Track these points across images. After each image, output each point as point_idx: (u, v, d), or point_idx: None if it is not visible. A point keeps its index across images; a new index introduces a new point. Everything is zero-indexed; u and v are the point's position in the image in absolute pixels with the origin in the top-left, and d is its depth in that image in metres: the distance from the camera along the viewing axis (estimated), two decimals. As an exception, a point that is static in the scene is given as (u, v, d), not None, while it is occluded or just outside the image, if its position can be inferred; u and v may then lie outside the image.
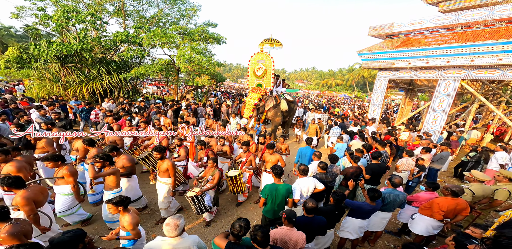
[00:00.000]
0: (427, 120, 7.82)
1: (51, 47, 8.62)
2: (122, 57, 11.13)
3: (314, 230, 2.46)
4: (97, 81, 9.62)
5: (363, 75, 40.70)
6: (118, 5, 12.54)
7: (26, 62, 9.83)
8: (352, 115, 11.60)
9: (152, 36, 9.76)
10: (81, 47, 9.02)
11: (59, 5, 10.39)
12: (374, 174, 3.80)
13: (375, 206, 2.80)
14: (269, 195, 2.88)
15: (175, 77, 11.46)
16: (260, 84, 7.44)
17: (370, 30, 9.52)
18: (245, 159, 4.19)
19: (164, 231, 1.91)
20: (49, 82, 9.41)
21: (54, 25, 9.38)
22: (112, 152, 3.37)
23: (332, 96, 37.45)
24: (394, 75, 8.99)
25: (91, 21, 9.74)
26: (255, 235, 1.80)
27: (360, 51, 9.41)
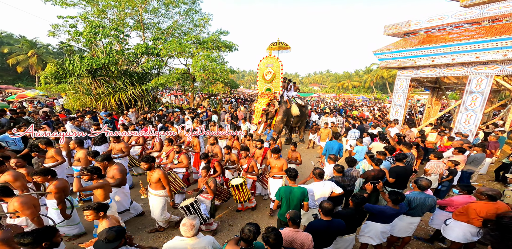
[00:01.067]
0: (459, 120, 7.14)
1: (83, 62, 9.58)
2: (143, 69, 11.98)
3: (333, 235, 2.36)
4: (122, 92, 10.43)
5: (382, 76, 38.83)
6: (138, 18, 13.63)
7: (63, 77, 10.98)
8: (372, 117, 10.99)
9: (169, 46, 10.38)
10: (108, 60, 9.90)
11: (87, 22, 11.54)
12: (399, 177, 3.54)
13: (398, 209, 2.62)
14: (284, 197, 2.82)
15: (191, 85, 11.98)
16: (269, 89, 7.31)
17: (386, 29, 9.21)
18: (246, 165, 4.05)
19: (181, 231, 1.99)
20: (82, 95, 10.40)
21: (84, 40, 10.46)
22: (104, 162, 3.25)
23: (349, 98, 36.13)
24: (416, 74, 8.49)
25: (115, 35, 10.65)
26: (268, 237, 1.78)
27: (376, 51, 9.08)
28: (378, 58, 9.37)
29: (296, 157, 4.64)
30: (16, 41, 29.16)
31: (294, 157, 4.65)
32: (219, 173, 4.03)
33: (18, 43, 28.29)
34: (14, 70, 27.42)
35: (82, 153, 3.97)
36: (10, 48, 26.67)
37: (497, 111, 11.91)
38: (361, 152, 5.08)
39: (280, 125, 7.39)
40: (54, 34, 12.15)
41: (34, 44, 27.85)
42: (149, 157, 3.09)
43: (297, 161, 4.67)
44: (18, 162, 3.26)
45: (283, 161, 3.82)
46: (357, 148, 5.16)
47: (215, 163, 4.06)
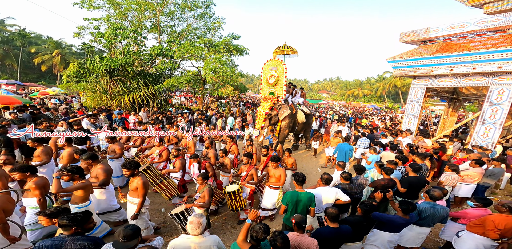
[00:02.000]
0: (476, 133, 6.76)
1: (102, 62, 10.08)
2: (157, 70, 12.39)
3: (341, 242, 2.31)
4: (136, 92, 10.81)
5: (395, 85, 37.95)
6: (155, 21, 14.26)
7: (83, 76, 11.59)
8: (384, 127, 10.65)
9: (182, 49, 10.75)
10: (125, 61, 10.37)
11: (109, 24, 12.20)
12: (411, 187, 3.41)
13: (408, 219, 2.53)
14: (290, 202, 2.77)
15: (201, 88, 12.21)
16: (272, 93, 7.03)
17: (402, 37, 9.05)
18: (245, 172, 3.83)
19: (188, 230, 2.00)
20: (99, 94, 10.87)
21: (105, 41, 11.00)
22: (88, 160, 3.14)
23: (359, 107, 35.42)
24: (432, 83, 8.20)
25: (133, 37, 11.18)
26: (275, 240, 1.76)
27: (390, 59, 8.91)
28: (392, 66, 9.17)
29: (291, 163, 4.43)
30: (44, 41, 31.20)
31: (288, 163, 4.45)
32: (211, 175, 3.88)
33: (45, 43, 30.28)
34: (38, 68, 29.35)
35: (67, 152, 3.74)
36: (37, 48, 28.58)
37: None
38: (374, 162, 4.90)
39: (286, 131, 7.12)
40: (79, 35, 12.89)
41: (59, 45, 29.75)
42: (132, 163, 2.89)
43: (292, 167, 4.43)
44: (6, 159, 3.13)
45: (281, 171, 3.58)
46: (371, 157, 4.98)
47: (206, 164, 3.91)
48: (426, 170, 4.21)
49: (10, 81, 19.66)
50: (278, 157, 3.66)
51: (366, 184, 3.51)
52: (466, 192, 4.30)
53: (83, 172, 2.84)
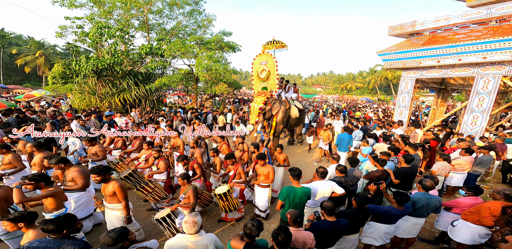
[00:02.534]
0: (465, 122, 7.02)
1: (89, 62, 9.72)
2: (147, 69, 12.10)
3: (338, 235, 2.36)
4: (127, 92, 10.53)
5: (386, 77, 38.59)
6: (143, 19, 13.81)
7: (69, 77, 11.18)
8: (376, 119, 10.89)
9: (173, 47, 10.49)
10: (113, 61, 10.02)
11: (94, 22, 11.72)
12: (405, 178, 3.50)
13: (403, 210, 2.60)
14: (287, 198, 2.81)
15: (194, 86, 12.04)
16: (265, 88, 6.96)
17: (390, 30, 9.17)
18: (233, 171, 3.76)
19: (183, 229, 1.99)
20: (88, 95, 10.53)
21: (90, 41, 10.60)
22: (59, 164, 2.94)
23: (352, 100, 35.88)
24: (421, 74, 8.39)
25: (120, 36, 10.78)
26: (278, 234, 1.78)
27: (380, 52, 9.02)
28: (382, 59, 9.30)
29: (283, 159, 4.32)
30: (25, 42, 29.81)
31: (280, 159, 4.35)
32: (199, 176, 3.74)
33: (26, 44, 28.94)
34: (22, 70, 28.09)
35: (39, 157, 3.51)
36: (18, 49, 27.35)
37: (504, 113, 11.66)
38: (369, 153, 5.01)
39: (280, 126, 7.10)
40: (62, 35, 12.35)
41: (42, 45, 28.47)
42: (101, 167, 2.66)
43: (284, 164, 4.33)
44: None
45: (269, 168, 3.49)
46: (366, 149, 5.08)
47: (194, 165, 3.73)
48: (418, 160, 4.31)
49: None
50: (264, 154, 3.59)
51: (360, 176, 3.58)
52: (458, 181, 4.43)
53: (49, 179, 2.63)
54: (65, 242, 1.76)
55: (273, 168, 3.56)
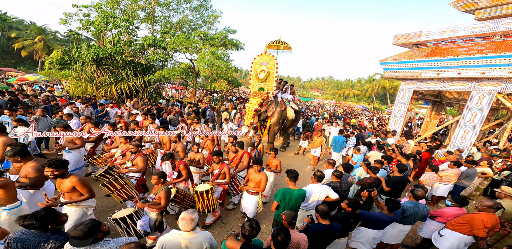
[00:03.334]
0: (455, 136, 7.18)
1: (90, 50, 9.53)
2: (148, 60, 11.94)
3: (331, 238, 2.40)
4: (125, 82, 10.35)
5: (384, 86, 39.18)
6: (149, 11, 13.66)
7: (67, 63, 10.90)
8: (371, 127, 11.05)
9: (176, 40, 10.37)
10: (114, 50, 9.86)
11: (100, 11, 11.52)
12: (396, 186, 3.61)
13: (393, 217, 2.67)
14: (282, 199, 2.82)
15: (194, 81, 11.93)
16: (262, 88, 6.76)
17: (395, 39, 9.27)
18: (218, 171, 3.53)
19: (179, 226, 1.95)
20: (85, 82, 10.31)
21: (95, 30, 10.39)
22: (15, 157, 2.61)
23: (349, 106, 36.31)
24: (420, 86, 8.53)
25: (125, 26, 10.63)
26: (278, 234, 1.77)
27: (382, 60, 9.13)
28: (383, 68, 9.39)
29: (276, 165, 4.10)
30: (26, 27, 29.12)
31: (273, 164, 4.13)
32: (185, 178, 3.47)
33: (27, 29, 28.19)
34: (18, 54, 27.35)
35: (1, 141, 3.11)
36: (18, 33, 26.72)
37: (492, 130, 12.01)
38: (360, 161, 5.08)
39: (275, 128, 6.93)
40: (66, 22, 12.06)
41: (43, 31, 27.79)
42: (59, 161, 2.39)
43: (276, 169, 4.11)
44: None
45: (262, 176, 3.22)
46: (356, 157, 5.14)
47: (181, 165, 3.42)
48: (409, 170, 4.45)
49: (-17, 65, 18.15)
50: (260, 159, 3.34)
51: (353, 182, 3.64)
52: (443, 191, 4.61)
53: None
54: (48, 236, 1.69)
55: (266, 176, 3.28)
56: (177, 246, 1.90)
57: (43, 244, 1.64)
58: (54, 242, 1.66)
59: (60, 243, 1.68)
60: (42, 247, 1.64)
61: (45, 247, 1.64)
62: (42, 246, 1.64)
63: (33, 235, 1.67)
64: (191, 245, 1.91)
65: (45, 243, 1.65)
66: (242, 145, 4.16)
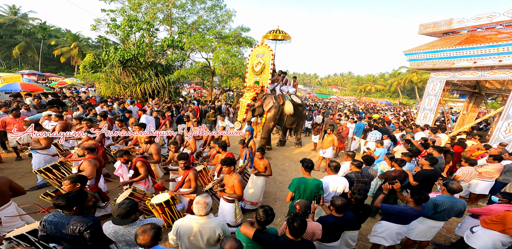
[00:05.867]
0: (498, 129, 6.39)
1: (116, 52, 10.32)
2: (168, 61, 12.54)
3: (344, 229, 2.31)
4: (147, 82, 11.03)
5: (411, 80, 36.25)
6: (167, 13, 14.29)
7: (98, 66, 11.96)
8: (396, 122, 10.31)
9: (192, 40, 10.72)
10: (137, 52, 10.53)
11: (125, 15, 12.35)
12: (425, 181, 3.29)
13: (421, 210, 2.44)
14: (297, 189, 2.74)
15: (210, 79, 12.26)
16: (257, 82, 6.31)
17: (421, 28, 8.60)
18: (181, 177, 2.93)
19: (194, 210, 1.95)
20: (113, 83, 11.19)
21: (121, 33, 11.20)
22: None
23: (371, 102, 34.26)
24: (453, 76, 7.76)
25: (146, 29, 11.29)
26: (294, 220, 1.71)
27: (407, 51, 8.50)
28: (409, 59, 8.79)
29: (264, 167, 3.53)
30: (63, 34, 32.38)
31: (260, 166, 3.55)
32: (142, 176, 3.00)
33: (63, 36, 31.40)
34: (58, 60, 30.62)
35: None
36: (56, 41, 29.73)
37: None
38: (383, 155, 4.79)
39: (270, 123, 6.36)
40: (96, 27, 13.17)
41: (77, 38, 30.78)
42: None
43: (265, 172, 3.57)
44: None
45: (234, 179, 2.71)
46: (379, 151, 4.85)
47: (138, 162, 2.99)
48: (442, 164, 4.06)
49: (31, 71, 20.68)
50: (230, 159, 2.73)
51: (375, 175, 3.41)
52: (483, 189, 4.10)
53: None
54: (76, 219, 1.80)
55: (240, 179, 2.70)
56: (190, 230, 1.90)
57: (72, 227, 1.75)
58: (82, 224, 1.76)
59: (87, 226, 1.78)
60: (71, 229, 1.75)
61: (73, 230, 1.75)
62: (70, 228, 1.75)
63: (62, 218, 1.80)
64: (203, 230, 1.90)
65: (73, 226, 1.76)
66: (224, 145, 3.61)
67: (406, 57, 8.80)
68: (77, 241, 1.83)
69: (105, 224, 1.84)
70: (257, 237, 1.78)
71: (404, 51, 8.68)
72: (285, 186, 4.99)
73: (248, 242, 1.85)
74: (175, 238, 1.95)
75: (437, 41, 8.28)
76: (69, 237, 1.80)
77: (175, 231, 1.93)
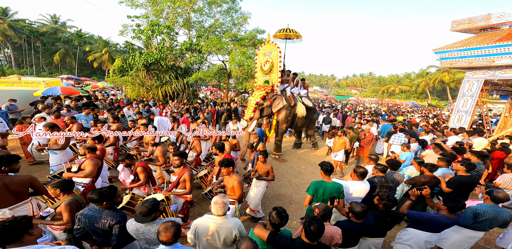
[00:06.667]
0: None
1: (141, 57, 11.03)
2: (186, 64, 13.07)
3: (362, 235, 2.20)
4: (168, 85, 11.59)
5: (442, 80, 33.32)
6: (186, 17, 14.93)
7: (125, 70, 12.87)
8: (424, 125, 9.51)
9: (209, 43, 11.03)
10: (160, 56, 11.14)
11: (148, 21, 13.15)
12: (461, 188, 2.97)
13: (455, 219, 2.21)
14: (315, 193, 2.64)
15: (226, 81, 12.51)
16: (267, 81, 6.13)
17: (454, 25, 7.96)
18: (176, 177, 2.84)
19: (212, 210, 1.96)
20: (138, 86, 11.96)
21: (144, 38, 11.94)
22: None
23: (394, 104, 32.18)
24: (493, 75, 7.03)
25: (167, 33, 11.89)
26: (310, 224, 1.64)
27: (438, 49, 7.90)
28: (440, 58, 8.17)
29: (266, 171, 3.34)
30: (95, 41, 35.45)
31: (264, 170, 3.36)
32: (142, 183, 2.92)
33: (96, 42, 34.40)
34: (91, 65, 33.67)
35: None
36: (90, 47, 32.74)
37: None
38: (409, 159, 4.44)
39: (283, 126, 6.18)
40: (123, 33, 14.24)
41: (107, 44, 33.53)
42: None
43: (268, 177, 3.38)
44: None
45: (234, 180, 2.64)
46: (405, 155, 4.48)
47: (138, 168, 2.94)
48: (482, 170, 3.66)
49: (69, 76, 23.06)
50: (228, 160, 2.68)
51: (401, 180, 3.15)
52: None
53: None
54: (107, 213, 1.92)
55: (239, 180, 2.65)
56: (207, 230, 1.91)
57: (103, 221, 1.87)
58: (112, 219, 1.88)
59: (116, 220, 1.88)
60: (102, 223, 1.87)
61: (104, 223, 1.86)
62: (102, 222, 1.87)
63: (96, 212, 1.93)
64: (221, 230, 1.89)
65: (104, 219, 1.87)
66: (221, 147, 3.44)
67: (436, 55, 8.20)
68: (106, 235, 1.94)
69: (129, 221, 1.92)
70: (271, 240, 1.75)
71: (434, 50, 8.08)
72: (300, 188, 4.85)
73: (262, 245, 1.81)
74: (193, 237, 1.97)
75: (473, 38, 7.59)
76: (100, 231, 1.92)
77: (194, 230, 1.95)
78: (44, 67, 34.13)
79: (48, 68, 34.41)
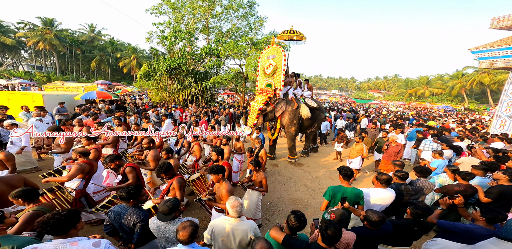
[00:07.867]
0: None
1: (164, 62, 11.76)
2: (205, 68, 13.57)
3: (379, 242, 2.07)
4: (188, 89, 12.16)
5: (481, 82, 29.95)
6: (205, 23, 15.59)
7: (150, 75, 13.81)
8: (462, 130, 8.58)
9: (227, 47, 11.34)
10: (181, 61, 11.76)
11: (171, 27, 13.97)
12: (503, 198, 2.63)
13: (494, 231, 1.99)
14: (333, 198, 2.54)
15: (243, 85, 12.73)
16: (269, 85, 6.07)
17: (494, 22, 7.24)
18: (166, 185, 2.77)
19: (229, 211, 1.98)
20: (161, 90, 12.71)
21: (168, 44, 12.71)
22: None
23: (424, 107, 29.68)
24: (543, 73, 6.10)
25: (188, 38, 12.53)
26: (327, 228, 1.60)
27: (475, 49, 7.21)
28: (478, 57, 7.44)
29: (259, 180, 3.08)
30: (125, 47, 38.55)
31: (257, 180, 3.11)
32: (130, 183, 2.90)
33: (125, 49, 37.46)
34: (121, 71, 36.77)
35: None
36: (121, 54, 35.79)
37: None
38: (441, 167, 4.04)
39: (291, 129, 6.06)
40: (149, 39, 15.35)
41: (135, 50, 36.40)
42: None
43: (261, 186, 3.10)
44: None
45: (223, 187, 2.50)
46: (437, 162, 4.08)
47: (127, 168, 2.88)
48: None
49: (103, 81, 25.56)
50: (216, 167, 2.53)
51: (430, 188, 2.88)
52: None
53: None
54: (132, 211, 2.02)
55: (228, 189, 2.49)
56: (223, 231, 1.93)
57: (129, 218, 1.98)
58: (136, 217, 1.97)
59: (140, 218, 1.97)
60: (128, 220, 1.97)
61: (129, 220, 1.97)
62: (128, 219, 1.98)
63: (123, 209, 2.04)
64: (236, 232, 1.91)
65: (130, 217, 1.98)
66: (221, 152, 3.33)
67: (474, 55, 7.45)
68: (131, 232, 2.04)
69: (151, 219, 1.99)
70: (287, 243, 1.72)
71: (470, 49, 7.37)
72: (317, 193, 4.68)
73: (277, 247, 1.79)
74: (209, 237, 2.00)
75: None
76: (126, 228, 2.02)
77: (210, 230, 1.98)
78: (83, 73, 38.09)
79: (86, 74, 38.34)
